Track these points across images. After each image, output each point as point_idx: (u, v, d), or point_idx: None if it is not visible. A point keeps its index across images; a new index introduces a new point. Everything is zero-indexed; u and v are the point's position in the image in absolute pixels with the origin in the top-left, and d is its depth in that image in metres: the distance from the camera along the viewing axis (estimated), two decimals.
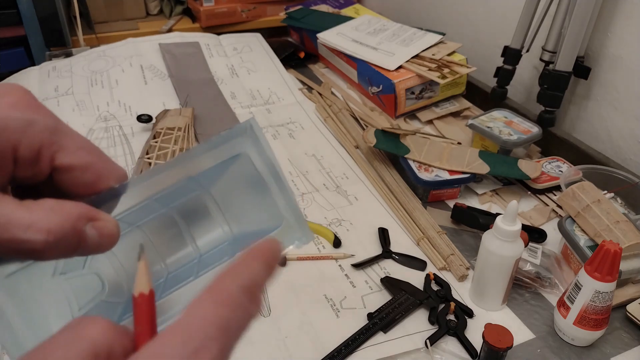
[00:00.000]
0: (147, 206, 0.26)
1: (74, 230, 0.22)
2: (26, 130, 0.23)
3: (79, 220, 0.22)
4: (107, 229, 0.23)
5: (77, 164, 0.24)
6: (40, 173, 0.24)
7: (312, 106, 1.12)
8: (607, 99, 0.94)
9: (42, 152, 0.23)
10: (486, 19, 1.19)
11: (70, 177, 0.24)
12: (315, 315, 0.64)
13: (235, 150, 0.27)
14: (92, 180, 0.24)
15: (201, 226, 0.27)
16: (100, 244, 0.23)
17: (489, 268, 0.63)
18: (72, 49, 1.30)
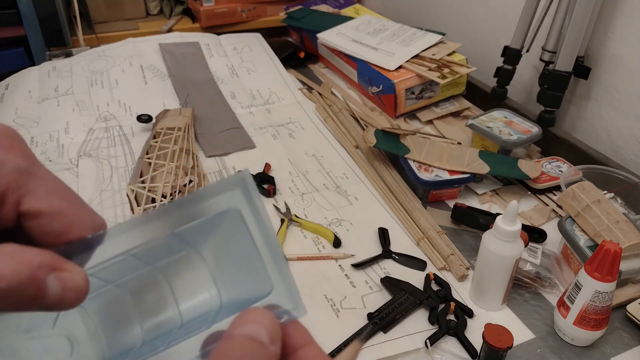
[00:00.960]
0: (126, 261, 0.24)
1: (31, 279, 0.20)
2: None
3: (40, 268, 0.20)
4: (73, 282, 0.21)
5: (45, 210, 0.22)
6: (5, 219, 0.22)
7: (312, 106, 1.12)
8: (607, 99, 0.94)
9: (7, 195, 0.21)
10: (486, 19, 1.19)
11: (37, 224, 0.22)
12: (315, 315, 0.64)
13: (226, 205, 0.24)
14: (62, 228, 0.22)
15: (186, 289, 0.25)
16: (63, 299, 0.20)
17: (489, 268, 0.63)
18: (72, 49, 1.30)
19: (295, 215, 0.79)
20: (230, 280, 0.25)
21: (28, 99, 1.08)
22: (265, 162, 0.91)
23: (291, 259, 0.72)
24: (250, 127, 1.04)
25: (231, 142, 0.98)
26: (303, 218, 0.79)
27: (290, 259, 0.72)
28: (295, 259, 0.72)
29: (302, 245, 0.75)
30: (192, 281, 0.25)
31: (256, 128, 1.03)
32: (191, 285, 0.25)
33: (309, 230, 0.77)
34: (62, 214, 0.22)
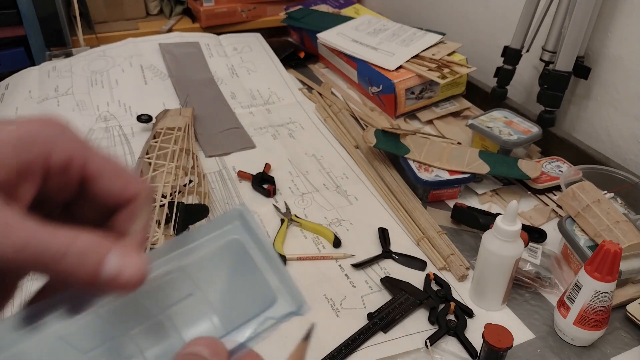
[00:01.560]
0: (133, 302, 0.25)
1: (97, 247, 0.22)
2: (58, 139, 0.23)
3: (104, 242, 0.22)
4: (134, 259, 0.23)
5: (105, 172, 0.25)
6: (70, 183, 0.24)
7: (312, 106, 1.12)
8: (607, 99, 0.94)
9: (73, 159, 0.24)
10: (486, 19, 1.19)
11: (99, 185, 0.25)
12: (315, 315, 0.64)
13: (227, 238, 0.26)
14: (120, 188, 0.25)
15: (187, 318, 0.26)
16: (120, 274, 0.22)
17: (489, 268, 0.63)
18: (72, 49, 1.30)
19: (295, 215, 0.79)
20: (233, 306, 0.26)
21: (28, 99, 1.08)
22: (265, 162, 0.91)
23: (291, 259, 0.72)
24: (250, 127, 1.04)
25: (231, 142, 0.98)
26: (303, 218, 0.79)
27: (290, 259, 0.72)
28: (295, 259, 0.72)
29: (302, 245, 0.75)
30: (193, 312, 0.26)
31: (256, 128, 1.03)
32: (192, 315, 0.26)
33: (309, 230, 0.77)
34: (119, 174, 0.25)
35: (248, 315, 0.25)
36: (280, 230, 0.76)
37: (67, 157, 0.23)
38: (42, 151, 0.23)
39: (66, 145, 0.24)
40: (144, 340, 0.25)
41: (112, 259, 0.22)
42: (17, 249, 0.20)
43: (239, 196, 0.84)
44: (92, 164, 0.24)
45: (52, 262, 0.21)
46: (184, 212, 0.73)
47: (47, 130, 0.23)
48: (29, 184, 0.23)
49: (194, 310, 0.26)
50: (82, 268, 0.22)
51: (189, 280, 0.26)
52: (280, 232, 0.75)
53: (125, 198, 0.25)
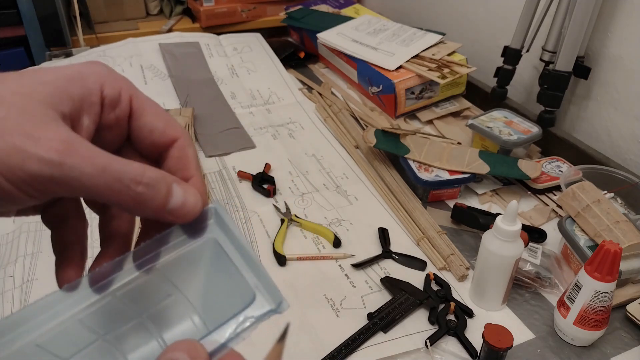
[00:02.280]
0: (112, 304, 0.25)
1: (164, 179, 0.24)
2: (108, 75, 0.25)
3: (168, 176, 0.24)
4: (192, 190, 0.25)
5: (149, 109, 0.26)
6: (122, 116, 0.26)
7: (312, 106, 1.12)
8: (607, 99, 0.94)
9: (122, 93, 0.26)
10: (486, 19, 1.19)
11: (144, 122, 0.26)
12: (315, 315, 0.64)
13: (201, 236, 0.26)
14: (163, 126, 0.27)
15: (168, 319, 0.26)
16: (184, 205, 0.24)
17: (489, 268, 0.63)
18: (72, 49, 1.30)
19: (295, 215, 0.79)
20: (213, 305, 0.26)
21: None
22: (265, 162, 0.91)
23: (291, 259, 0.72)
24: (250, 127, 1.04)
25: (231, 142, 0.98)
26: (303, 218, 0.79)
27: (290, 259, 0.72)
28: (295, 259, 0.72)
29: (302, 245, 0.75)
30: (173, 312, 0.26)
31: (256, 128, 1.03)
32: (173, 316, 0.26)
33: (309, 230, 0.77)
34: (160, 113, 0.27)
35: (228, 314, 0.25)
36: (280, 230, 0.76)
37: (117, 89, 0.25)
38: (97, 84, 0.25)
39: (116, 79, 0.26)
40: (125, 343, 0.25)
41: (177, 190, 0.24)
42: (98, 173, 0.21)
43: (239, 196, 0.84)
44: (137, 99, 0.26)
45: (128, 187, 0.22)
46: None
47: (95, 67, 0.25)
48: (89, 116, 0.24)
49: (174, 310, 0.26)
50: (155, 195, 0.23)
51: (167, 281, 0.26)
52: (280, 232, 0.75)
53: (169, 137, 0.27)
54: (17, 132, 0.20)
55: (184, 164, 0.27)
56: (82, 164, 0.21)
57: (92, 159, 0.21)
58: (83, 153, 0.21)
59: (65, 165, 0.21)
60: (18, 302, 0.64)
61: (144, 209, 0.23)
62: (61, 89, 0.23)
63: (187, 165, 0.27)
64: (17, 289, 0.66)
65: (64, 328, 0.24)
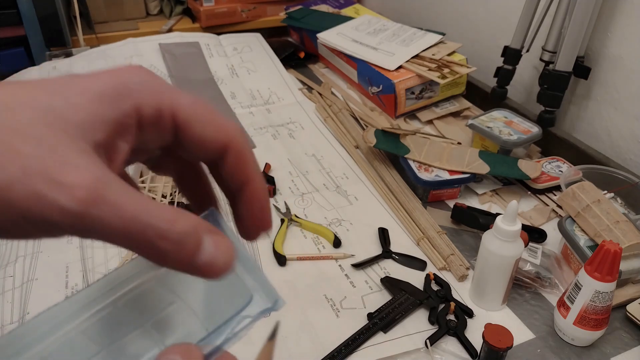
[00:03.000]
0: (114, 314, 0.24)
1: (195, 231, 0.21)
2: (146, 89, 0.23)
3: (200, 225, 0.21)
4: (225, 246, 0.22)
5: (197, 118, 0.24)
6: (164, 132, 0.23)
7: (312, 106, 1.12)
8: (607, 99, 0.94)
9: (162, 109, 0.23)
10: (486, 19, 1.19)
11: (193, 133, 0.24)
12: (315, 315, 0.64)
13: None
14: (214, 133, 0.24)
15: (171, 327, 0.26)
16: (214, 260, 0.21)
17: (489, 268, 0.63)
18: (72, 49, 1.30)
19: (295, 215, 0.79)
20: (214, 310, 0.26)
21: None
22: (265, 162, 0.91)
23: (291, 259, 0.72)
24: (250, 127, 1.04)
25: None
26: (303, 218, 0.79)
27: (290, 259, 0.72)
28: (295, 259, 0.72)
29: (302, 245, 0.75)
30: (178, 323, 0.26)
31: (256, 128, 1.03)
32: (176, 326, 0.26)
33: (309, 230, 0.77)
34: (210, 120, 0.24)
35: (226, 316, 0.25)
36: (280, 230, 0.76)
37: (157, 105, 0.23)
38: (136, 102, 0.22)
39: (155, 93, 0.23)
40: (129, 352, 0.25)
41: (207, 245, 0.21)
42: (123, 227, 0.19)
43: None
44: (182, 111, 0.23)
45: (151, 243, 0.20)
46: None
47: (135, 78, 0.23)
48: (126, 138, 0.22)
49: (177, 318, 0.26)
50: (180, 251, 0.21)
51: (167, 288, 0.26)
52: (280, 232, 0.75)
53: (221, 144, 0.24)
54: (41, 175, 0.19)
55: (241, 167, 0.25)
56: (107, 216, 0.19)
57: (120, 210, 0.19)
58: (111, 201, 0.19)
59: (88, 217, 0.19)
60: (18, 302, 0.64)
61: (167, 263, 0.21)
62: (94, 114, 0.21)
63: (245, 169, 0.25)
64: (17, 289, 0.66)
65: (67, 340, 0.23)
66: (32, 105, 0.20)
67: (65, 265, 0.70)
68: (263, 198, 0.26)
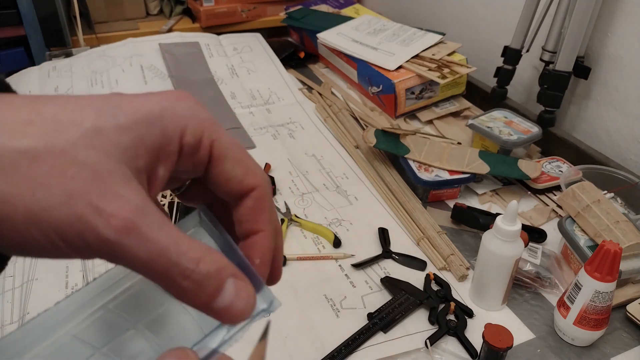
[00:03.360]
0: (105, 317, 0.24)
1: (218, 273, 0.21)
2: (191, 117, 0.23)
3: (226, 268, 0.21)
4: (246, 292, 0.22)
5: (230, 155, 0.24)
6: (199, 163, 0.24)
7: (312, 106, 1.12)
8: (607, 99, 0.94)
9: (203, 139, 0.23)
10: (486, 19, 1.19)
11: (223, 169, 0.24)
12: (315, 315, 0.64)
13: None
14: (242, 174, 0.24)
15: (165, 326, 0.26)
16: (232, 305, 0.21)
17: (489, 268, 0.63)
18: (72, 49, 1.30)
19: (295, 215, 0.79)
20: None
21: None
22: (265, 162, 0.91)
23: (291, 259, 0.72)
24: (250, 127, 1.03)
25: None
26: (303, 218, 0.79)
27: (290, 259, 0.72)
28: (295, 259, 0.72)
29: (302, 245, 0.75)
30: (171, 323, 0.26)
31: (256, 128, 1.03)
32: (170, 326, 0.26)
33: (309, 230, 0.77)
34: (242, 160, 0.24)
35: None
36: None
37: (199, 135, 0.23)
38: (177, 131, 0.22)
39: (199, 122, 0.23)
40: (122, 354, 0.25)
41: (229, 288, 0.21)
42: (150, 260, 0.20)
43: None
44: (219, 144, 0.24)
45: (175, 278, 0.20)
46: (183, 212, 0.73)
47: (182, 105, 0.23)
48: (166, 165, 0.23)
49: (170, 318, 0.26)
50: (201, 293, 0.21)
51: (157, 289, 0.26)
52: None
53: (247, 187, 0.25)
54: (83, 200, 0.19)
55: (256, 215, 0.25)
56: (137, 248, 0.19)
57: (150, 244, 0.20)
58: (144, 234, 0.19)
59: (119, 245, 0.19)
60: (18, 302, 0.64)
61: (186, 300, 0.21)
62: (139, 139, 0.21)
63: (259, 217, 0.25)
64: (17, 289, 0.66)
65: (60, 345, 0.23)
66: (80, 123, 0.20)
67: (65, 265, 0.70)
68: (269, 252, 0.25)
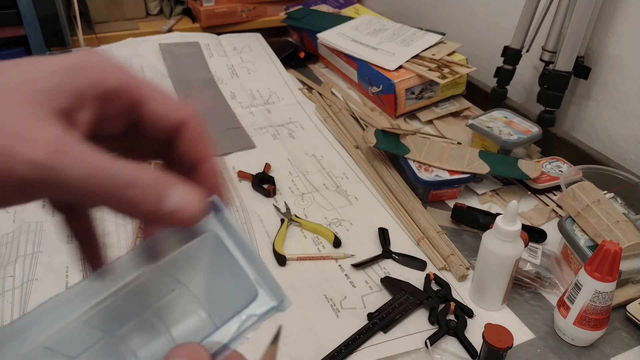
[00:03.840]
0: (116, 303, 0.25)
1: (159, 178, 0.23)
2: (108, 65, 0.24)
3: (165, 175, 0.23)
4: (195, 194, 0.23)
5: (155, 96, 0.25)
6: (126, 106, 0.25)
7: (312, 106, 1.12)
8: (607, 99, 0.94)
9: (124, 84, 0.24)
10: (486, 19, 1.19)
11: (148, 109, 0.25)
12: (315, 315, 0.64)
13: (201, 231, 0.26)
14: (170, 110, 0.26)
15: (175, 315, 0.26)
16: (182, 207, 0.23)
17: (489, 268, 0.63)
18: (72, 49, 1.30)
19: (295, 215, 0.79)
20: (216, 298, 0.26)
21: None
22: (265, 162, 0.91)
23: (291, 259, 0.72)
24: (250, 127, 1.04)
25: (231, 142, 0.98)
26: (303, 218, 0.79)
27: (290, 259, 0.72)
28: (295, 259, 0.72)
29: (302, 245, 0.75)
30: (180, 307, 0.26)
31: (256, 128, 1.03)
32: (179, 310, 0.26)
33: (309, 230, 0.77)
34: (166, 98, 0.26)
35: (231, 308, 0.25)
36: (280, 230, 0.76)
37: (118, 80, 0.24)
38: (96, 76, 0.23)
39: (117, 69, 0.24)
40: (132, 339, 0.25)
41: (174, 195, 0.23)
42: (88, 176, 0.21)
43: (239, 196, 0.84)
44: (141, 88, 0.25)
45: (118, 191, 0.21)
46: None
47: (95, 57, 0.24)
48: (87, 110, 0.23)
49: (180, 305, 0.26)
50: (145, 200, 0.22)
51: (169, 276, 0.26)
52: (280, 232, 0.75)
53: (176, 122, 0.26)
54: (5, 133, 0.20)
55: (196, 145, 0.26)
56: (72, 167, 0.21)
57: (83, 162, 0.21)
58: (74, 154, 0.21)
59: (55, 168, 0.20)
60: (18, 302, 0.64)
61: (137, 212, 0.23)
62: (57, 84, 0.22)
63: (200, 146, 0.26)
64: (17, 289, 0.66)
65: (71, 329, 0.24)
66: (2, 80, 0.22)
67: (65, 265, 0.70)
68: (219, 174, 0.27)
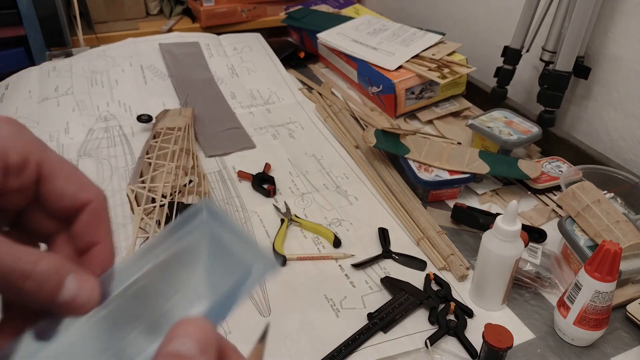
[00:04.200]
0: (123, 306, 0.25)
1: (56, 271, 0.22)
2: (15, 138, 0.23)
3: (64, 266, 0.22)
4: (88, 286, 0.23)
5: (60, 172, 0.25)
6: (28, 183, 0.24)
7: (312, 106, 1.12)
8: (607, 99, 0.94)
9: (29, 158, 0.24)
10: (486, 19, 1.19)
11: (55, 186, 0.24)
12: (315, 315, 0.64)
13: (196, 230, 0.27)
14: (75, 189, 0.25)
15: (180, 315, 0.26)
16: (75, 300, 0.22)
17: (489, 268, 0.63)
18: (72, 49, 1.30)
19: (295, 215, 0.79)
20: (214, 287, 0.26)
21: (28, 99, 1.08)
22: (265, 162, 0.91)
23: (291, 259, 0.72)
24: (250, 127, 1.04)
25: (231, 142, 0.98)
26: (303, 218, 0.79)
27: (290, 259, 0.72)
28: (295, 259, 0.72)
29: (302, 245, 0.75)
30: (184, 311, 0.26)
31: (256, 128, 1.03)
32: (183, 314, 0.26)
33: (309, 230, 0.77)
34: (74, 176, 0.25)
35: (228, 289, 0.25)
36: (280, 230, 0.76)
37: (23, 155, 0.23)
38: (1, 148, 0.23)
39: (23, 143, 0.24)
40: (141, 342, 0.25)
41: (69, 284, 0.22)
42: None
43: (239, 196, 0.84)
44: (47, 163, 0.24)
45: (17, 282, 0.21)
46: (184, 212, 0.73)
47: (4, 127, 0.23)
48: None
49: (185, 305, 0.26)
50: (43, 290, 0.22)
51: (167, 279, 0.26)
52: (280, 232, 0.75)
53: (80, 202, 0.25)
54: None
55: (93, 228, 0.26)
56: None
57: None
58: None
59: None
60: None
61: (31, 301, 0.22)
62: None
63: (97, 230, 0.26)
64: None
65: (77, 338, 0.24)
66: None
67: None
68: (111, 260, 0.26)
